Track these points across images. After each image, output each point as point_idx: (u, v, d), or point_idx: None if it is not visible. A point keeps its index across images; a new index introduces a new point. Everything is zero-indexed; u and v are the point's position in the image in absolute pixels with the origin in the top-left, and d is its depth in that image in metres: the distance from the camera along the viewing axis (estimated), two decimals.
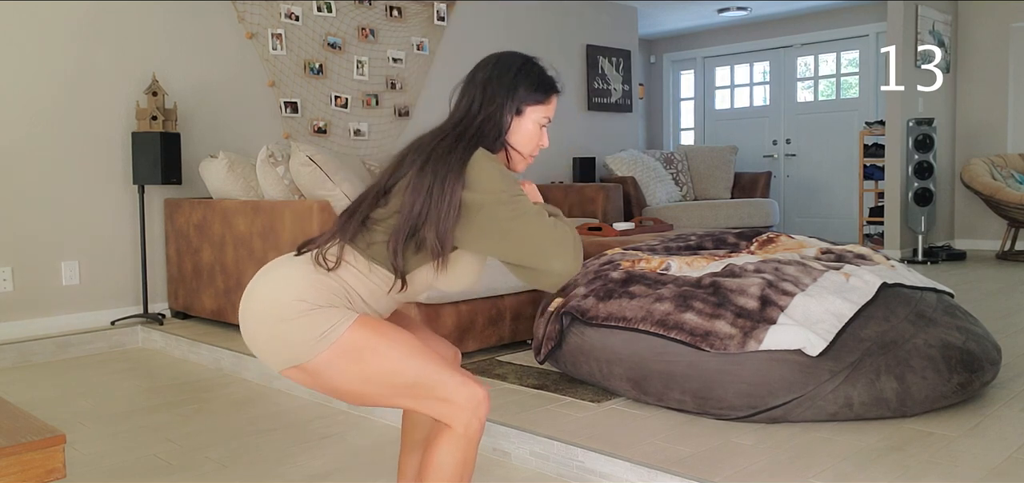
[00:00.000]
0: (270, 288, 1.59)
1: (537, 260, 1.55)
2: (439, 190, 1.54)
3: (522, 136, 1.69)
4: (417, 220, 1.55)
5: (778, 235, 3.52)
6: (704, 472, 2.15)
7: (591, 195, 6.45)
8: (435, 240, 1.54)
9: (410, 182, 1.57)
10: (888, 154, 7.06)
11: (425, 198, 1.54)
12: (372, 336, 1.56)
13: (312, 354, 1.54)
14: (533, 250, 1.54)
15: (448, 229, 1.54)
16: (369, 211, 1.61)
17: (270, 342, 1.57)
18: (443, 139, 1.61)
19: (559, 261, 1.54)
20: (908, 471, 2.14)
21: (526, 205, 1.56)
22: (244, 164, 4.47)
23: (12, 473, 1.22)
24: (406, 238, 1.56)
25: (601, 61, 7.82)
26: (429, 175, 1.55)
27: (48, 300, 4.42)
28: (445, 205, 1.53)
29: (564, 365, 3.04)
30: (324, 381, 1.57)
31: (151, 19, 4.75)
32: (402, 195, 1.58)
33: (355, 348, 1.54)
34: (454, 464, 1.57)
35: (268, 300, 1.57)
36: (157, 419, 3.07)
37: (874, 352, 2.53)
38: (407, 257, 1.58)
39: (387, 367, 1.55)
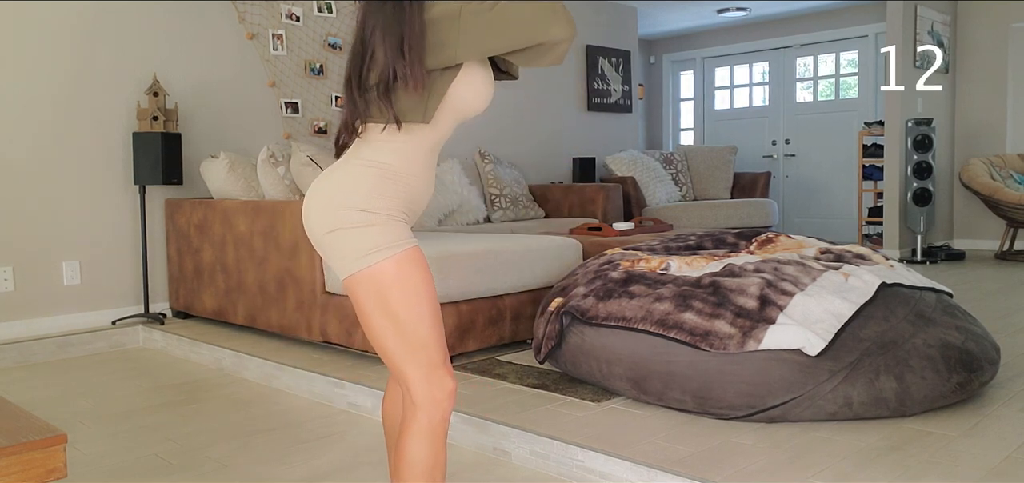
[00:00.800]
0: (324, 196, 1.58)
1: (534, 33, 1.50)
2: (399, 14, 1.51)
3: None
4: (394, 59, 1.52)
5: (777, 235, 3.52)
6: (704, 472, 2.16)
7: (591, 195, 6.45)
8: (404, 67, 1.51)
9: (379, 23, 1.54)
10: (887, 154, 7.07)
11: (390, 31, 1.51)
12: (416, 276, 1.56)
13: (361, 266, 1.54)
14: (527, 27, 1.50)
15: (415, 51, 1.51)
16: (361, 78, 1.59)
17: (330, 250, 1.58)
18: None
19: (556, 27, 1.50)
20: (908, 471, 2.14)
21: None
22: (245, 164, 4.48)
23: (13, 473, 1.23)
24: (392, 81, 1.53)
25: (601, 61, 7.82)
26: (390, 5, 1.53)
27: (49, 300, 4.42)
28: (405, 28, 1.50)
29: (564, 365, 3.05)
30: (356, 296, 1.58)
31: (152, 19, 4.75)
32: (380, 41, 1.54)
33: (394, 279, 1.55)
34: (423, 458, 1.58)
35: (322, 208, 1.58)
36: (158, 419, 3.07)
37: (873, 352, 2.53)
38: (402, 102, 1.55)
39: (411, 316, 1.55)
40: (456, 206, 5.81)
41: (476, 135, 6.67)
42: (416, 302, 1.56)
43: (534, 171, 7.23)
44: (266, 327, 4.02)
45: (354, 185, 1.57)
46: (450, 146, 6.30)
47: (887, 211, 7.11)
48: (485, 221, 6.10)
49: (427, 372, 1.57)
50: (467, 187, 5.95)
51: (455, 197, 5.80)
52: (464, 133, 6.41)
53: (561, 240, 3.95)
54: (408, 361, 1.58)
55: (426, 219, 5.51)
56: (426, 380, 1.57)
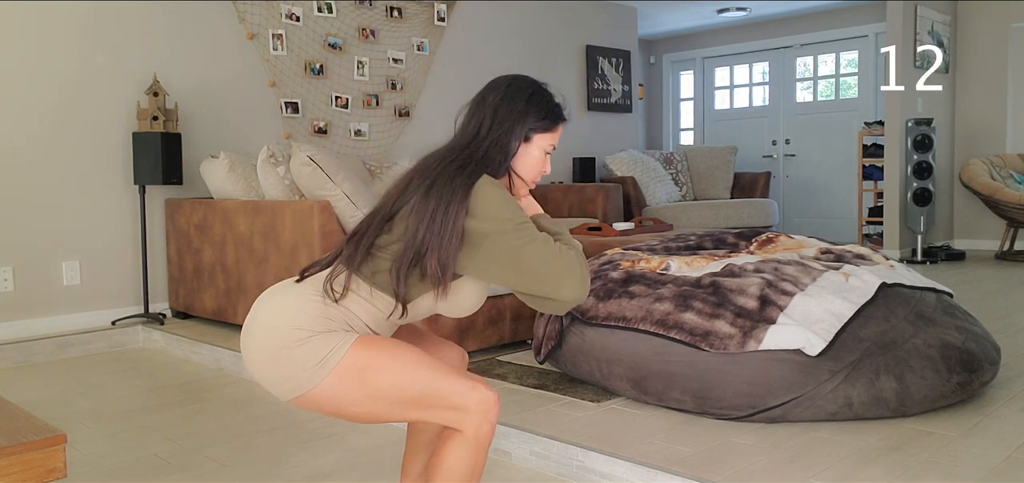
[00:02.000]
0: (268, 317, 1.58)
1: (545, 288, 1.54)
2: (443, 215, 1.53)
3: (527, 162, 1.69)
4: (421, 246, 1.54)
5: (777, 235, 3.52)
6: (704, 472, 2.16)
7: (591, 195, 6.45)
8: (437, 267, 1.54)
9: (414, 207, 1.57)
10: (887, 154, 7.07)
11: (428, 223, 1.54)
12: (373, 354, 1.55)
13: (315, 381, 1.53)
14: (541, 279, 1.54)
15: (450, 256, 1.54)
16: (374, 237, 1.61)
17: (272, 372, 1.57)
18: (450, 163, 1.60)
19: (567, 288, 1.54)
20: (908, 471, 2.14)
21: (532, 233, 1.55)
22: (245, 164, 4.48)
23: (13, 473, 1.23)
24: (410, 265, 1.56)
25: (601, 61, 7.82)
26: (433, 200, 1.55)
27: (49, 300, 4.42)
28: (448, 231, 1.53)
29: (564, 365, 3.05)
30: (331, 406, 1.57)
31: (152, 19, 4.75)
32: (406, 220, 1.58)
33: (357, 368, 1.53)
34: (463, 469, 1.56)
35: (266, 328, 1.57)
36: (157, 419, 3.07)
37: (873, 352, 2.53)
38: (410, 284, 1.58)
39: (392, 382, 1.54)
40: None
41: None
42: (388, 373, 1.55)
43: None
44: None
45: (301, 306, 1.57)
46: None
47: (887, 211, 7.11)
48: None
49: (456, 404, 1.55)
50: None
51: None
52: None
53: None
54: (429, 412, 1.57)
55: None
56: (460, 410, 1.55)
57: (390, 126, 5.98)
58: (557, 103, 1.73)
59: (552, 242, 1.56)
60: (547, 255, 1.54)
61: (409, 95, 6.09)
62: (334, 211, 3.82)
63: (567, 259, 1.55)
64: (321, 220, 3.73)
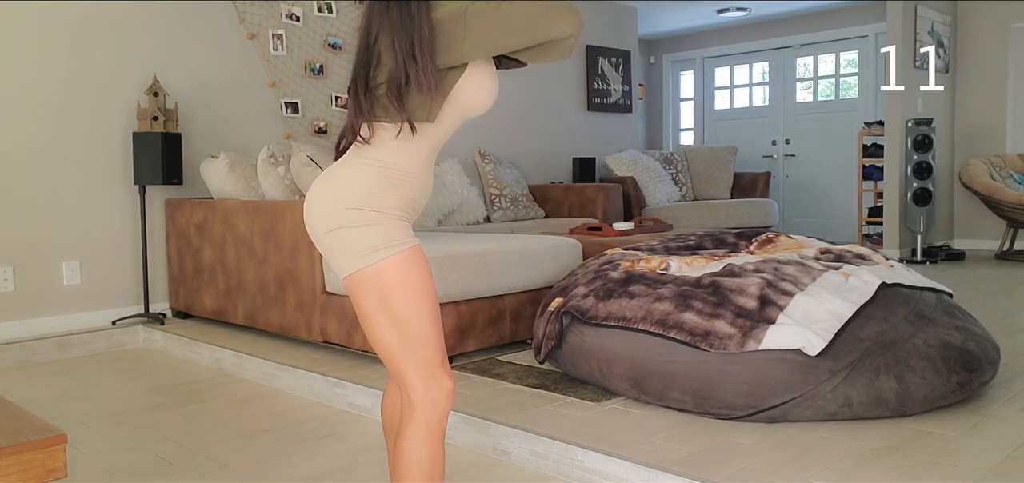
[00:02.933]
0: (326, 193, 1.58)
1: (540, 32, 1.50)
2: (408, 18, 1.50)
3: None
4: (403, 62, 1.51)
5: (777, 235, 3.52)
6: (704, 472, 2.16)
7: (591, 195, 6.45)
8: (417, 71, 1.50)
9: (385, 26, 1.54)
10: (887, 154, 7.07)
11: (399, 34, 1.51)
12: (417, 274, 1.56)
13: (360, 265, 1.55)
14: (532, 25, 1.49)
15: (425, 54, 1.50)
16: (365, 79, 1.58)
17: (332, 249, 1.58)
18: None
19: (562, 23, 1.50)
20: (908, 471, 2.14)
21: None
22: (245, 164, 4.48)
23: (13, 473, 1.23)
24: (405, 83, 1.53)
25: (601, 61, 7.82)
26: (396, 9, 1.52)
27: (49, 300, 4.42)
28: (415, 30, 1.50)
29: (564, 365, 3.05)
30: (356, 295, 1.58)
31: (152, 19, 4.75)
32: (388, 44, 1.54)
33: (395, 277, 1.54)
34: (421, 457, 1.58)
35: (324, 205, 1.58)
36: (158, 419, 3.07)
37: (873, 352, 2.53)
38: (412, 103, 1.55)
39: (410, 315, 1.55)
40: (456, 206, 5.81)
41: (476, 135, 6.67)
42: (416, 301, 1.56)
43: (534, 171, 7.23)
44: (266, 327, 4.02)
45: (356, 184, 1.57)
46: (450, 146, 6.30)
47: (887, 211, 7.11)
48: (485, 221, 6.10)
49: (425, 372, 1.57)
50: (467, 187, 5.95)
51: (455, 197, 5.80)
52: (464, 133, 6.40)
53: (561, 240, 3.95)
54: (407, 361, 1.58)
55: (426, 219, 5.51)
56: (424, 380, 1.57)
57: None
58: None
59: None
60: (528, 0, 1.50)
61: None
62: None
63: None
64: None
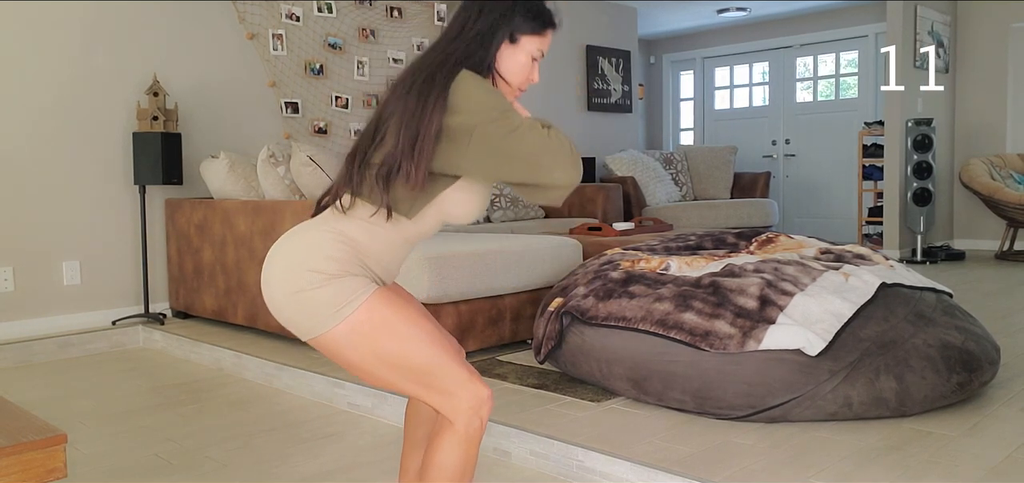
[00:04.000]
0: (285, 258, 1.57)
1: (538, 175, 1.49)
2: (420, 114, 1.49)
3: (513, 66, 1.63)
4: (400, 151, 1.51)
5: (777, 235, 3.52)
6: (704, 472, 2.16)
7: (591, 195, 6.45)
8: (409, 165, 1.49)
9: (396, 110, 1.54)
10: (887, 154, 7.07)
11: (408, 122, 1.50)
12: (388, 315, 1.55)
13: (327, 326, 1.53)
14: (532, 165, 1.49)
15: (424, 153, 1.49)
16: (366, 151, 1.58)
17: (291, 313, 1.56)
18: (431, 61, 1.56)
19: (560, 171, 1.50)
20: (908, 471, 2.14)
21: (517, 120, 1.50)
22: (245, 164, 4.48)
23: (13, 473, 1.23)
24: (396, 172, 1.52)
25: (601, 61, 7.82)
26: (413, 98, 1.51)
27: (49, 300, 4.42)
28: (422, 129, 1.49)
29: (564, 365, 3.05)
30: (339, 354, 1.56)
31: (152, 19, 4.75)
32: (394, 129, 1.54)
33: (371, 324, 1.53)
34: (455, 464, 1.57)
35: (284, 269, 1.56)
36: (158, 419, 3.07)
37: (873, 352, 2.53)
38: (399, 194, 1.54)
39: (400, 348, 1.54)
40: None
41: None
42: (401, 338, 1.55)
43: None
44: (266, 327, 4.02)
45: (320, 246, 1.55)
46: None
47: (887, 211, 7.10)
48: (485, 221, 6.10)
49: (452, 391, 1.56)
50: None
51: None
52: None
53: (561, 240, 3.95)
54: (426, 391, 1.57)
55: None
56: (454, 398, 1.56)
57: None
58: (547, 8, 1.66)
59: (540, 127, 1.52)
60: (536, 139, 1.49)
61: None
62: None
63: (557, 142, 1.51)
64: None
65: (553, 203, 1.57)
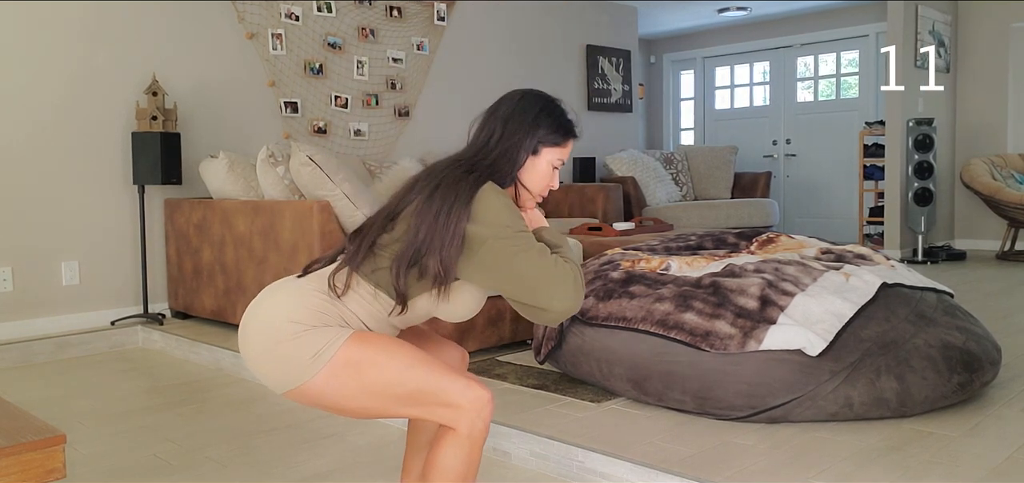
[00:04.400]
0: (265, 311, 1.61)
1: (537, 298, 1.56)
2: (445, 218, 1.55)
3: (535, 175, 1.71)
4: (421, 246, 1.56)
5: (778, 235, 3.52)
6: (704, 472, 2.15)
7: (591, 195, 6.45)
8: (438, 267, 1.56)
9: (418, 208, 1.59)
10: (888, 154, 7.06)
11: (431, 224, 1.56)
12: (368, 350, 1.57)
13: (309, 375, 1.55)
14: (533, 288, 1.55)
15: (451, 258, 1.55)
16: (377, 236, 1.63)
17: (268, 365, 1.59)
18: (457, 168, 1.63)
19: (558, 301, 1.55)
20: (908, 471, 2.14)
21: (529, 242, 1.57)
22: (244, 164, 4.47)
23: (12, 473, 1.23)
24: (409, 264, 1.58)
25: (601, 61, 7.82)
26: (437, 201, 1.57)
27: (48, 300, 4.42)
28: (449, 234, 1.55)
29: (564, 365, 3.04)
30: (326, 400, 1.59)
31: (151, 19, 4.75)
32: (409, 220, 1.60)
33: (352, 363, 1.55)
34: (458, 465, 1.58)
35: (263, 322, 1.60)
36: (157, 419, 3.07)
37: (874, 352, 2.53)
38: (410, 283, 1.60)
39: (387, 378, 1.56)
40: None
41: None
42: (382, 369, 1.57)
43: None
44: None
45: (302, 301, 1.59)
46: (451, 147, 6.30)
47: (888, 211, 7.10)
48: None
49: (449, 401, 1.58)
50: None
51: None
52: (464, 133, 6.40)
53: None
54: (426, 409, 1.59)
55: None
56: (453, 408, 1.58)
57: (390, 126, 5.98)
58: (569, 119, 1.74)
59: (548, 253, 1.58)
60: (541, 265, 1.55)
61: (409, 95, 6.09)
62: (333, 211, 3.82)
63: (561, 271, 1.56)
64: (320, 220, 3.73)
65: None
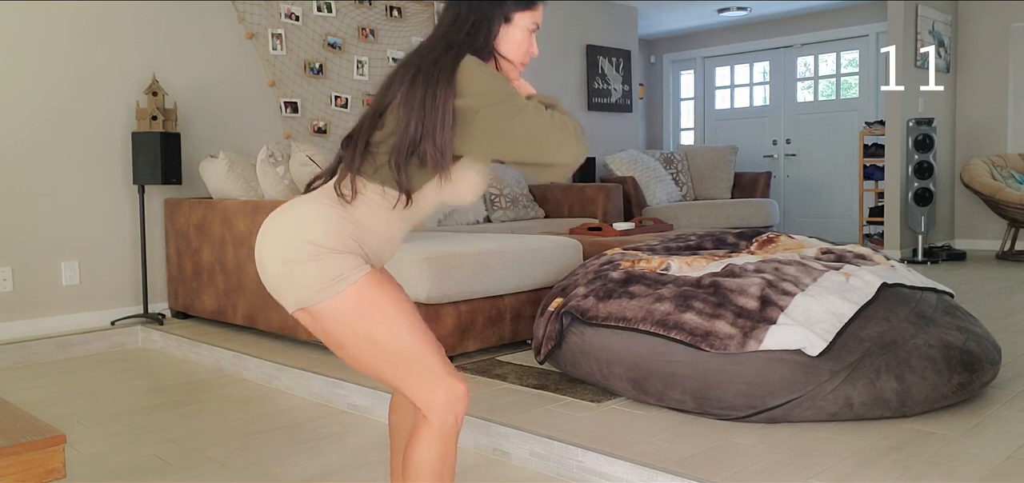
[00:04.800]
0: (285, 227, 1.58)
1: (542, 155, 1.53)
2: (431, 102, 1.52)
3: (511, 44, 1.67)
4: (414, 135, 1.53)
5: (778, 235, 3.52)
6: (704, 472, 2.15)
7: (591, 195, 6.45)
8: (435, 152, 1.53)
9: (402, 99, 1.56)
10: (888, 154, 7.06)
11: (419, 111, 1.53)
12: (380, 296, 1.56)
13: (319, 299, 1.54)
14: (536, 145, 1.52)
15: (446, 139, 1.52)
16: (368, 136, 1.60)
17: (281, 280, 1.57)
18: (432, 51, 1.59)
19: (563, 153, 1.53)
20: (908, 471, 2.14)
21: (522, 102, 1.54)
22: (244, 164, 4.47)
23: (12, 473, 1.23)
24: (407, 155, 1.55)
25: (601, 61, 7.82)
26: (420, 88, 1.54)
27: (48, 300, 4.42)
28: (439, 116, 1.52)
29: (564, 365, 3.04)
30: (326, 329, 1.58)
31: (151, 19, 4.75)
32: (396, 113, 1.57)
33: (361, 303, 1.55)
34: (433, 460, 1.58)
35: (282, 239, 1.58)
36: (157, 419, 3.07)
37: (874, 352, 2.53)
38: (411, 173, 1.57)
39: (387, 330, 1.56)
40: (456, 206, 5.80)
41: None
42: (387, 322, 1.56)
43: None
44: (266, 327, 4.02)
45: (318, 219, 1.57)
46: None
47: (888, 211, 7.10)
48: (485, 221, 6.10)
49: (431, 383, 1.57)
50: None
51: None
52: None
53: (561, 240, 3.95)
54: (403, 380, 1.58)
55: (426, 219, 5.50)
56: (432, 391, 1.57)
57: None
58: None
59: (544, 109, 1.55)
60: (540, 121, 1.52)
61: None
62: None
63: (561, 122, 1.54)
64: None
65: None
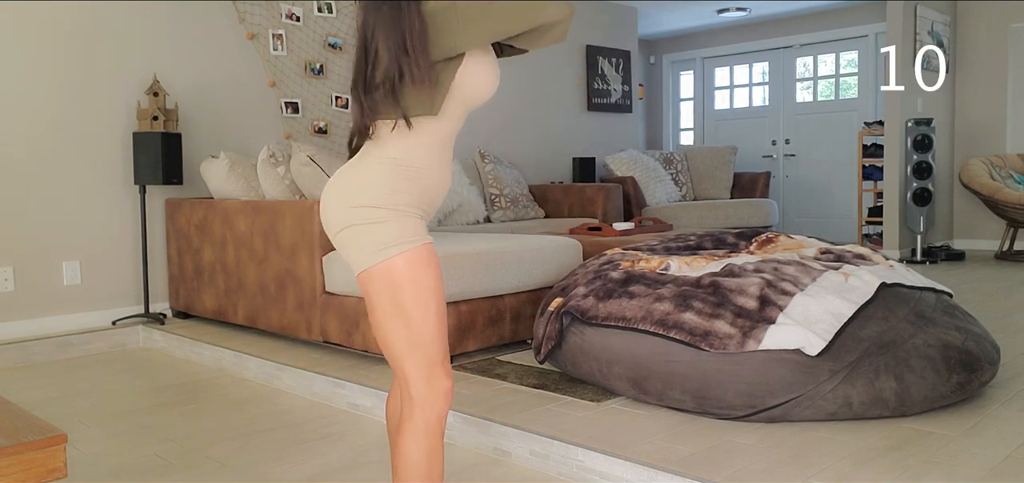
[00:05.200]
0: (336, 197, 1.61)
1: (528, 19, 1.51)
2: (402, 17, 1.51)
3: None
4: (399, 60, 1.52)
5: (777, 235, 3.52)
6: (704, 472, 2.16)
7: (591, 195, 6.45)
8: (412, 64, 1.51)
9: (375, 29, 1.55)
10: (887, 154, 7.07)
11: (392, 36, 1.52)
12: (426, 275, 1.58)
13: (372, 262, 1.57)
14: (523, 13, 1.50)
15: (417, 47, 1.51)
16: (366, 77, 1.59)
17: (342, 248, 1.61)
18: None
19: (550, 9, 1.51)
20: (907, 471, 2.14)
21: None
22: (245, 164, 4.48)
23: (13, 473, 1.23)
24: (399, 78, 1.53)
25: (601, 61, 7.82)
26: (385, 10, 1.53)
27: (49, 300, 4.42)
28: (412, 31, 1.51)
29: (564, 365, 3.05)
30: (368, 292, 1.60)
31: (152, 20, 4.75)
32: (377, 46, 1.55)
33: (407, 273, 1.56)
34: (420, 455, 1.60)
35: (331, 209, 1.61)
36: (158, 419, 3.07)
37: (873, 352, 2.53)
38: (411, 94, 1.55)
39: (419, 311, 1.57)
40: (456, 206, 5.81)
41: (476, 135, 6.67)
42: (424, 300, 1.58)
43: (534, 171, 7.23)
44: (266, 327, 4.03)
45: (368, 182, 1.58)
46: None
47: (887, 211, 7.11)
48: (485, 221, 6.10)
49: (426, 370, 1.59)
50: (467, 187, 5.95)
51: (455, 197, 5.80)
52: (464, 133, 6.40)
53: (561, 240, 3.95)
54: (409, 358, 1.59)
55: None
56: (424, 378, 1.59)
57: None
58: None
59: None
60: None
61: None
62: None
63: None
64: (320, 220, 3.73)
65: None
